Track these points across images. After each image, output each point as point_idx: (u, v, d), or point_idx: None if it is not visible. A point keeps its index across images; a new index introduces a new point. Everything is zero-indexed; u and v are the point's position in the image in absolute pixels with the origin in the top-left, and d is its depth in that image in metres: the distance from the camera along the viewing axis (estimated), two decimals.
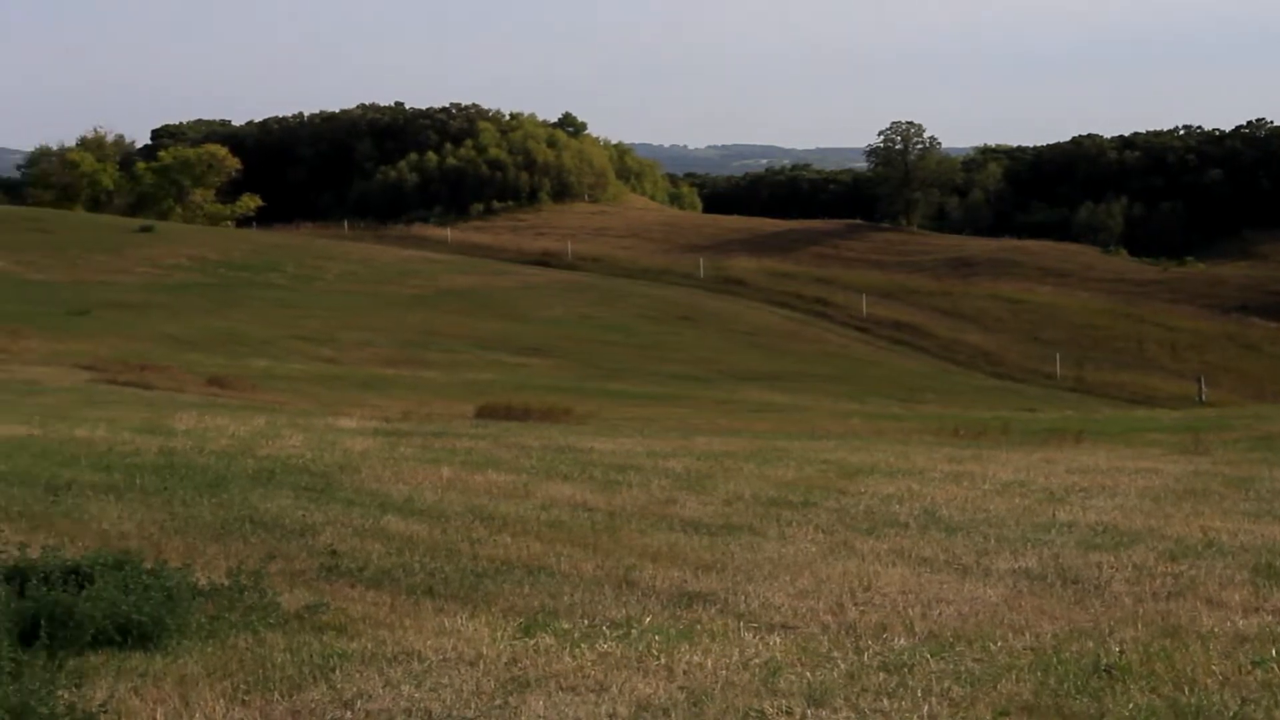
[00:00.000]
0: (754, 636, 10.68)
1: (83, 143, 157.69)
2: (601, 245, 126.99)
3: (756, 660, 9.98)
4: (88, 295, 75.82)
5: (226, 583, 11.36)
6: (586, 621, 11.05)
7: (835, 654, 10.17)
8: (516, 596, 11.93)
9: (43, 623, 9.66)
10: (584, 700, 9.04)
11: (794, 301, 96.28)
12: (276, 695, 9.01)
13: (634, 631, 10.70)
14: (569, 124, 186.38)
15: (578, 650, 10.11)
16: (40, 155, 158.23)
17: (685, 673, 9.65)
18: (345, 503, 16.52)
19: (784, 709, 8.87)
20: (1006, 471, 20.43)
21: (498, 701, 8.97)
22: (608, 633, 10.67)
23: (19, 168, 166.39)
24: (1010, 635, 10.75)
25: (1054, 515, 16.40)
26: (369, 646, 10.12)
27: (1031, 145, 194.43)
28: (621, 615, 11.27)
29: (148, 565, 11.05)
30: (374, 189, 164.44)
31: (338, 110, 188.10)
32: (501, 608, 11.49)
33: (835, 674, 9.63)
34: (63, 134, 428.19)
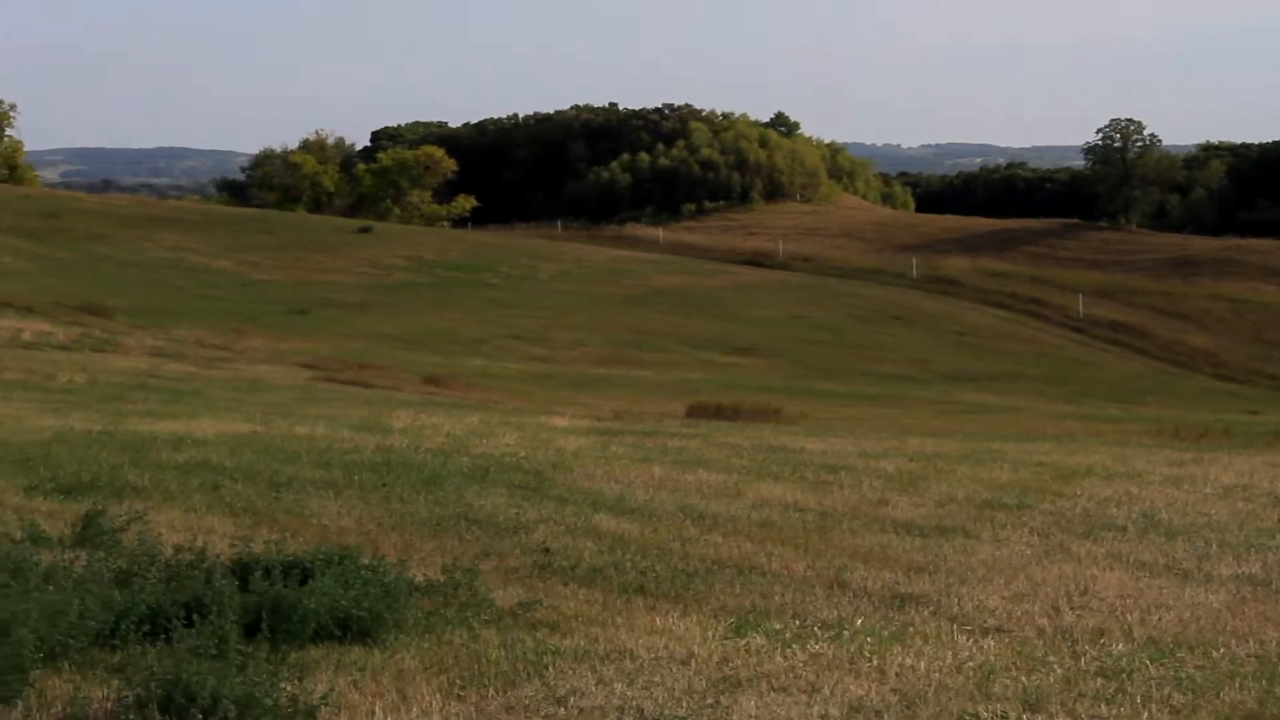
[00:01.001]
0: (968, 639, 10.59)
1: (305, 145, 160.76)
2: (813, 245, 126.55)
3: (970, 664, 9.90)
4: (308, 295, 77.29)
5: (442, 579, 11.50)
6: (798, 622, 11.04)
7: (1051, 658, 10.05)
8: (728, 596, 11.94)
9: (265, 616, 9.87)
10: (795, 701, 9.03)
11: (1008, 301, 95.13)
12: (491, 691, 9.11)
13: (846, 632, 10.66)
14: (781, 123, 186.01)
15: (789, 650, 10.10)
16: (264, 158, 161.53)
17: (898, 675, 9.60)
18: (558, 501, 16.63)
19: (999, 713, 8.79)
20: (1229, 475, 20.00)
21: (709, 701, 8.99)
22: (819, 633, 10.64)
23: (244, 170, 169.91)
24: (1233, 642, 10.54)
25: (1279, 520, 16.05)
26: (581, 644, 10.19)
27: (1256, 142, 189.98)
28: (833, 616, 11.24)
29: (366, 561, 11.24)
30: (587, 189, 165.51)
31: (552, 111, 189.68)
32: (713, 607, 11.51)
33: (1051, 679, 9.52)
34: (286, 137, 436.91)
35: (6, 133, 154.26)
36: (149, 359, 51.17)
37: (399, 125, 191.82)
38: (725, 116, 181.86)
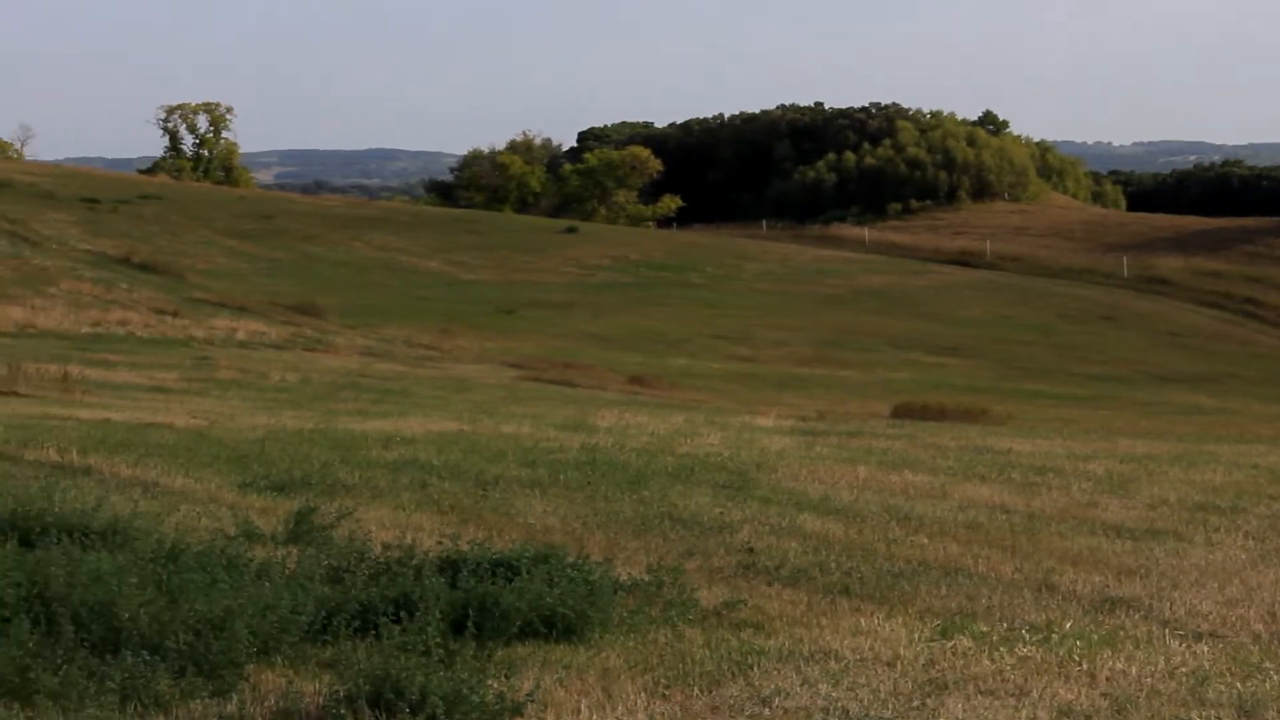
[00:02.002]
0: (1180, 644, 10.40)
1: (512, 146, 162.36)
2: (1021, 244, 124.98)
3: (1183, 669, 9.71)
4: (515, 294, 78.03)
5: (646, 578, 11.53)
6: (1005, 625, 10.91)
7: (1267, 664, 9.83)
8: (933, 598, 11.83)
9: (472, 613, 9.95)
10: (1003, 704, 8.92)
11: (1223, 301, 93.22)
12: (696, 690, 9.11)
13: (1054, 636, 10.51)
14: (989, 122, 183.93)
15: (997, 653, 9.99)
16: (472, 159, 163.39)
17: (1108, 680, 9.45)
18: (762, 501, 16.60)
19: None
20: None
21: (915, 703, 8.91)
22: (1027, 636, 10.51)
23: (452, 170, 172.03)
24: None
25: None
26: (786, 644, 10.16)
27: None
28: (1041, 619, 11.09)
29: (571, 559, 11.29)
30: (792, 189, 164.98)
31: (758, 111, 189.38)
32: (918, 609, 11.41)
33: (1268, 685, 9.31)
34: (494, 138, 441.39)
35: (223, 135, 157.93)
36: (359, 358, 52.03)
37: (605, 126, 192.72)
38: (933, 115, 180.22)
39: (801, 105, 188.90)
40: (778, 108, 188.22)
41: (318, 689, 8.68)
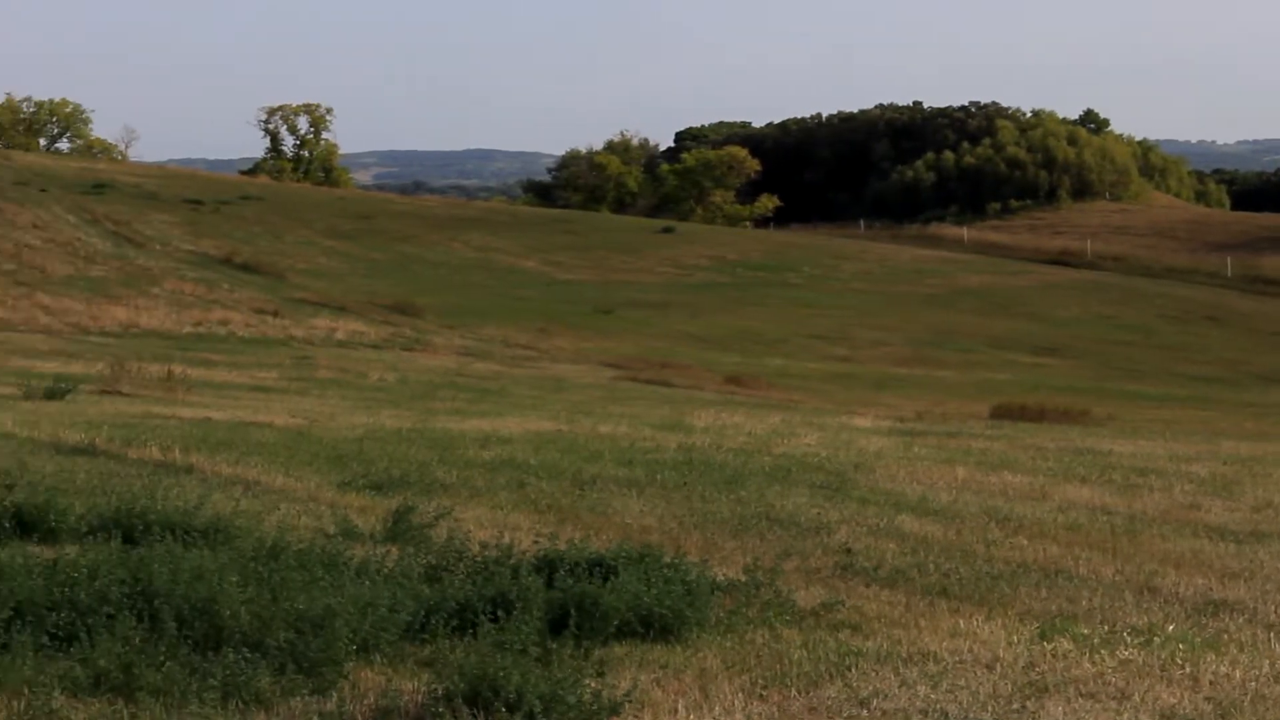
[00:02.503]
0: None
1: (610, 146, 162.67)
2: (1122, 244, 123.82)
3: None
4: (612, 294, 78.12)
5: (743, 578, 11.51)
6: (1106, 627, 10.82)
7: None
8: (1033, 599, 11.75)
9: (570, 613, 9.97)
10: (1104, 708, 8.85)
11: None
12: (794, 691, 9.09)
13: (1156, 639, 10.41)
14: (1090, 120, 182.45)
15: (1098, 656, 9.90)
16: (570, 159, 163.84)
17: (1211, 683, 9.35)
18: (860, 501, 16.55)
19: None
20: None
21: (1015, 706, 8.85)
22: (1129, 639, 10.42)
23: (550, 171, 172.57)
24: None
25: None
26: (884, 646, 10.12)
27: None
28: (1143, 622, 10.99)
29: (668, 559, 11.30)
30: (890, 188, 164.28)
31: (856, 111, 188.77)
32: (1018, 610, 11.34)
33: None
34: (591, 138, 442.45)
35: (323, 136, 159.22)
36: (457, 358, 52.27)
37: (703, 126, 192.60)
38: (1034, 114, 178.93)
39: (900, 105, 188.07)
40: (876, 107, 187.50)
41: (416, 687, 8.73)
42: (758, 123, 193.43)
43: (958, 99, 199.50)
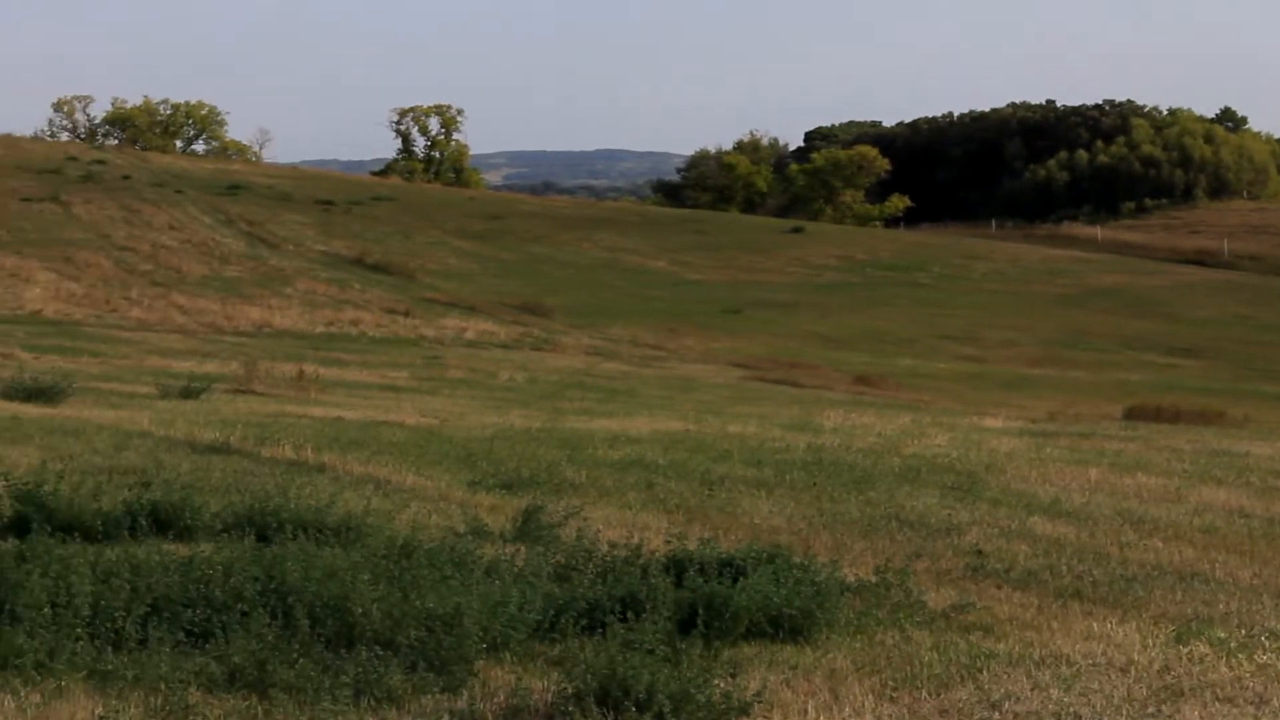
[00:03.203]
0: None
1: (739, 146, 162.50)
2: (1260, 243, 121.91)
3: None
4: (740, 294, 78.05)
5: (873, 579, 11.46)
6: (1244, 631, 10.66)
7: None
8: (1168, 603, 11.60)
9: (700, 612, 9.96)
10: (1242, 713, 8.72)
11: None
12: (924, 693, 9.03)
13: None
14: (1228, 119, 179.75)
15: (1235, 660, 9.76)
16: (699, 159, 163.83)
17: None
18: (991, 502, 16.42)
19: None
20: None
21: (1150, 710, 8.74)
22: (1267, 644, 10.26)
23: (679, 171, 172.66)
24: None
25: None
26: (1016, 648, 10.03)
27: None
28: None
29: (797, 560, 11.27)
30: (1022, 188, 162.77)
31: (988, 109, 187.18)
32: (1152, 614, 11.19)
33: None
34: (721, 138, 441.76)
35: (453, 137, 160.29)
36: (586, 358, 52.43)
37: (832, 125, 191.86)
38: (1170, 112, 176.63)
39: (1032, 103, 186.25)
40: (1008, 105, 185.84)
41: (546, 686, 8.75)
42: (888, 122, 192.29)
43: (1091, 97, 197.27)
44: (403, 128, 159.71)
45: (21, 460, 16.82)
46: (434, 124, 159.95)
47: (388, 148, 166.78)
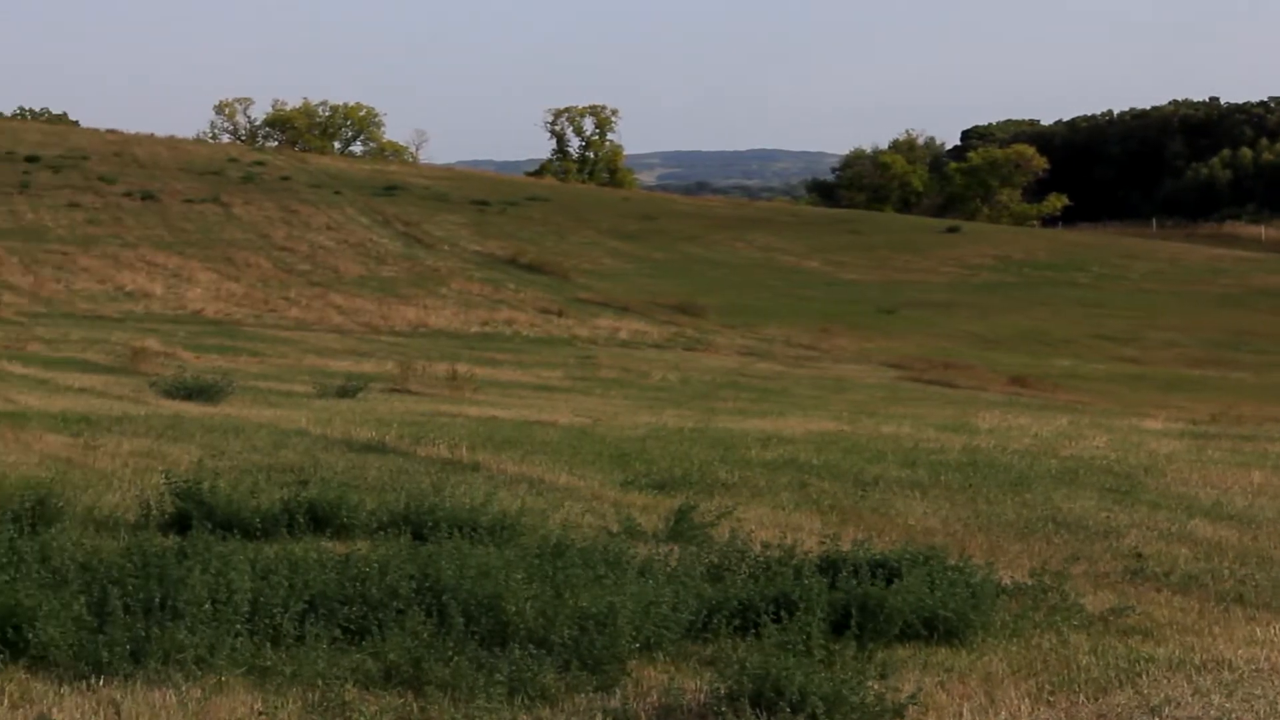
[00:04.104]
0: None
1: (894, 145, 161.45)
2: None
3: None
4: (895, 294, 77.56)
5: (1030, 582, 11.35)
6: None
7: None
8: None
9: (853, 614, 9.91)
10: None
11: None
12: (1081, 697, 8.92)
13: None
14: None
15: None
16: (854, 158, 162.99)
17: None
18: (1150, 505, 16.20)
19: None
20: None
21: None
22: None
23: (834, 170, 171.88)
24: None
25: None
26: (1176, 653, 9.88)
27: None
28: None
29: (952, 561, 11.18)
30: (1184, 187, 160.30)
31: (1148, 107, 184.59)
32: None
33: None
34: (876, 137, 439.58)
35: (608, 137, 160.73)
36: (738, 358, 52.37)
37: (989, 124, 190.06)
38: None
39: (1195, 100, 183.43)
40: (1170, 103, 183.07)
41: (699, 686, 8.74)
42: (1046, 120, 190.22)
43: (1257, 94, 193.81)
44: (558, 128, 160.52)
45: (183, 458, 17.11)
46: (589, 124, 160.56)
47: (542, 148, 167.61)
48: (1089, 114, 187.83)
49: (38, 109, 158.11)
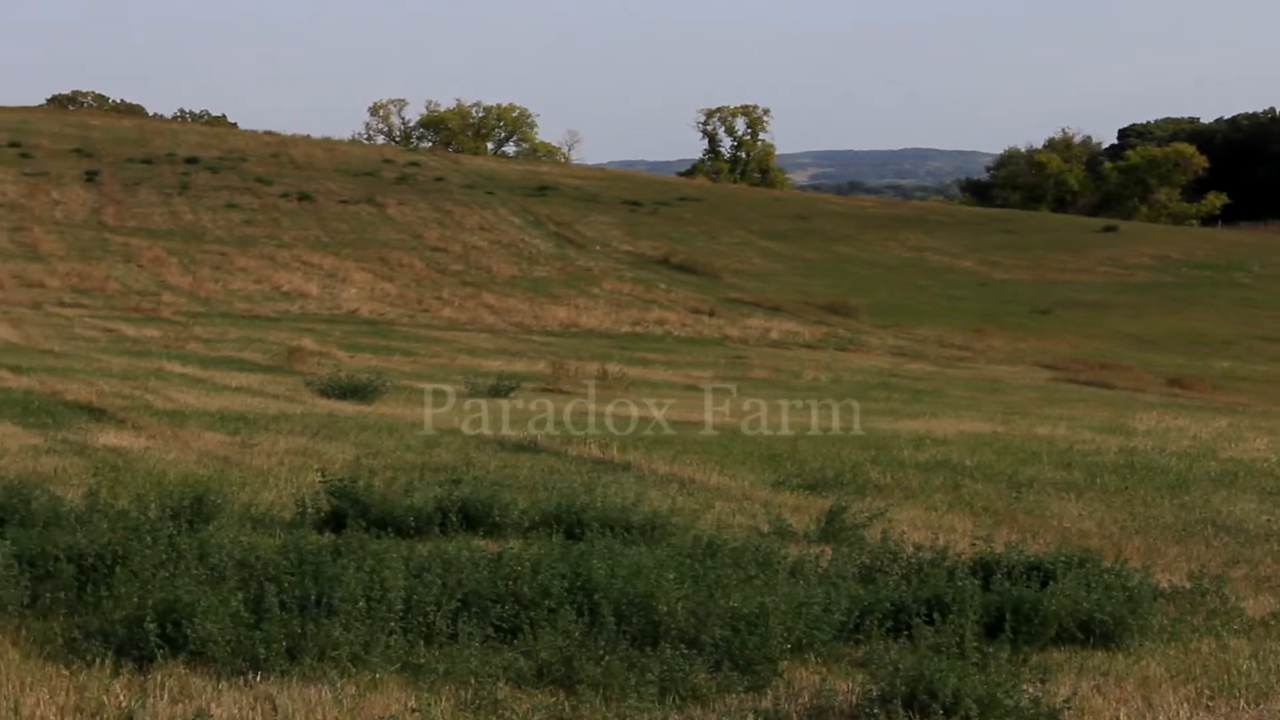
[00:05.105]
0: None
1: (1050, 144, 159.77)
2: None
3: None
4: (1049, 294, 76.74)
5: (1187, 585, 11.20)
6: None
7: None
8: None
9: (1007, 616, 9.82)
10: None
11: None
12: (1242, 703, 8.78)
13: None
14: None
15: None
16: (1008, 157, 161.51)
17: None
18: None
19: None
20: None
21: None
22: None
23: (988, 169, 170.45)
24: None
25: None
26: None
27: None
28: None
29: (1108, 564, 11.04)
30: None
31: None
32: None
33: None
34: (1031, 136, 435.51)
35: (760, 137, 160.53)
36: (890, 358, 52.08)
37: (1148, 122, 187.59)
38: None
39: None
40: None
41: (851, 688, 8.70)
42: (1206, 118, 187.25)
43: None
44: (709, 128, 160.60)
45: (338, 457, 17.31)
46: (740, 124, 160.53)
47: (694, 148, 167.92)
48: (1251, 111, 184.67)
49: (197, 111, 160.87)
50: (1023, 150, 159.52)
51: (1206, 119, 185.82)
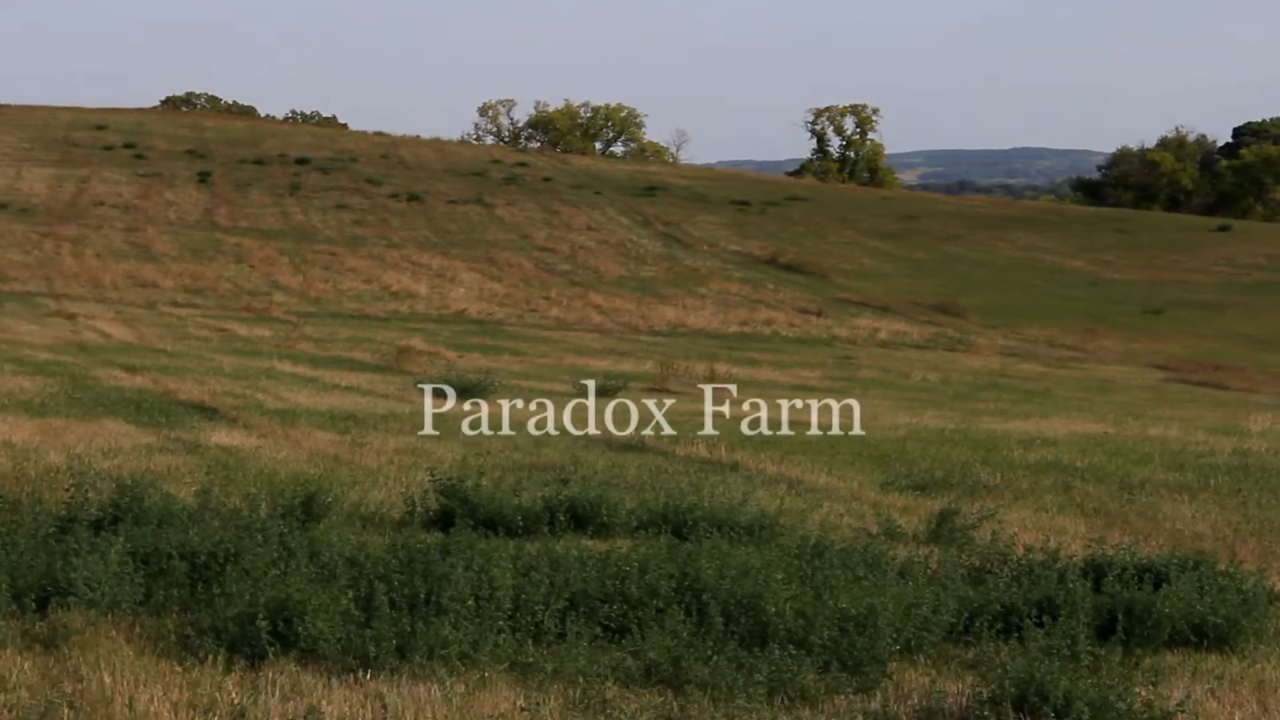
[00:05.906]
0: None
1: (1163, 143, 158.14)
2: None
3: None
4: (1162, 294, 76.00)
5: None
6: None
7: None
8: None
9: (1119, 619, 9.72)
10: None
11: None
12: None
13: None
14: None
15: None
16: (1120, 156, 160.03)
17: None
18: None
19: None
20: None
21: None
22: None
23: (1100, 168, 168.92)
24: None
25: None
26: None
27: None
28: None
29: (1222, 567, 10.90)
30: None
31: None
32: None
33: None
34: (1144, 135, 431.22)
35: (869, 137, 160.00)
36: (1000, 358, 51.75)
37: (1263, 120, 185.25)
38: None
39: None
40: None
41: (961, 690, 8.64)
42: None
43: None
44: (818, 128, 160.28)
45: (446, 456, 17.40)
46: (849, 124, 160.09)
47: (802, 148, 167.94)
48: None
49: (308, 112, 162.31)
50: (1135, 149, 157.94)
51: None
